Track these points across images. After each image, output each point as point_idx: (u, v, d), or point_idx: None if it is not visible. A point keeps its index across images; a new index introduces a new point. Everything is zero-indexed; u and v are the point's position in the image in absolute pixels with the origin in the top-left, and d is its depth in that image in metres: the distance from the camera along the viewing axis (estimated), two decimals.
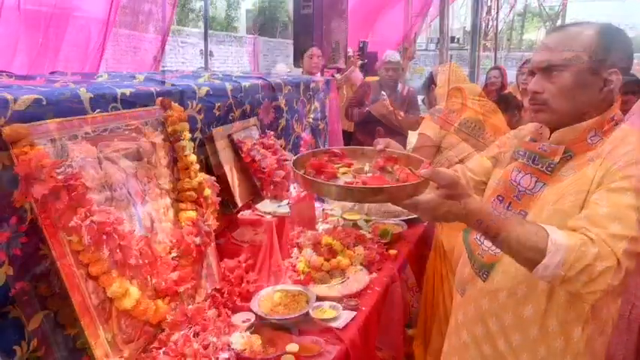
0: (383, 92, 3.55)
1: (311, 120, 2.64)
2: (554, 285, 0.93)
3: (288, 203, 1.95)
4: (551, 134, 1.14)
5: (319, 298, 1.65)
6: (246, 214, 1.84)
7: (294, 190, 2.11)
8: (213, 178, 1.68)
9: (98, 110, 1.33)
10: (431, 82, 2.42)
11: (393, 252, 2.07)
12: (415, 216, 2.43)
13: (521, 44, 26.37)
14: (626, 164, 1.00)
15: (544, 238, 0.91)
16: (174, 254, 1.46)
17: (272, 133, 2.11)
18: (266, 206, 1.88)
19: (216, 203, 1.65)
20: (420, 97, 3.81)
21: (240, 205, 1.85)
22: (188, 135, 1.58)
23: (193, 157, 1.57)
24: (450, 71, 2.30)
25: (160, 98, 1.55)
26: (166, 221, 1.50)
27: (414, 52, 4.68)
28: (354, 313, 1.60)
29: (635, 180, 0.97)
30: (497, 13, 10.59)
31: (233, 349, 1.34)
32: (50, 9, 4.00)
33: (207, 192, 1.60)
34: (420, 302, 2.33)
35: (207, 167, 1.84)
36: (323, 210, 2.55)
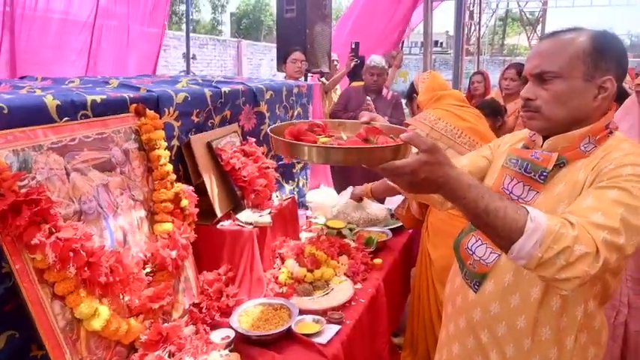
0: (368, 97, 3.52)
1: None
2: (529, 269, 0.87)
3: (270, 212, 1.89)
4: (544, 141, 1.11)
5: (302, 312, 1.60)
6: (226, 225, 1.78)
7: (277, 198, 2.06)
8: (191, 187, 1.62)
9: (66, 118, 1.26)
10: (413, 91, 2.38)
11: (378, 261, 2.03)
12: (400, 224, 2.44)
13: (502, 49, 26.78)
14: (617, 166, 0.97)
15: (524, 215, 0.85)
16: (148, 269, 1.40)
17: (253, 140, 2.05)
18: (247, 216, 1.82)
19: (194, 214, 1.58)
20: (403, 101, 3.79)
21: (219, 215, 1.78)
22: (164, 143, 1.51)
23: (169, 167, 1.50)
24: (431, 79, 2.27)
25: (134, 105, 1.48)
26: (140, 234, 1.43)
27: (401, 59, 4.57)
28: (338, 327, 1.55)
29: (622, 180, 0.94)
30: (480, 17, 10.71)
31: None
32: (26, 11, 3.90)
33: (185, 203, 1.54)
34: (408, 311, 2.30)
35: (184, 176, 1.78)
36: (307, 218, 2.50)
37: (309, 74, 4.47)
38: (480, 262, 1.17)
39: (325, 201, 2.69)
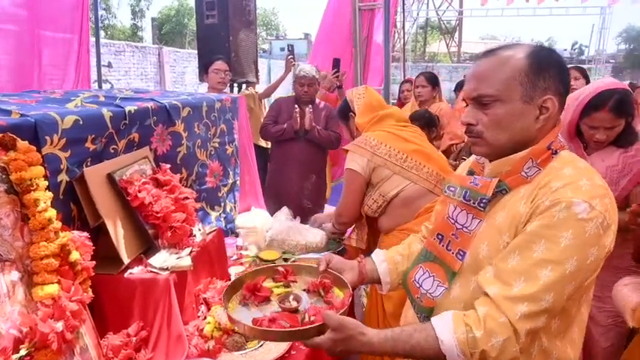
0: (296, 107, 3.32)
1: (217, 145, 2.31)
2: None
3: (191, 252, 1.61)
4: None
5: None
6: (136, 272, 1.47)
7: (199, 232, 1.78)
8: (85, 234, 1.30)
9: None
10: (348, 109, 2.16)
11: None
12: (339, 248, 2.25)
13: (424, 55, 28.06)
14: (552, 203, 0.92)
15: (434, 342, 0.94)
16: (24, 351, 1.07)
17: (168, 166, 1.76)
18: (162, 259, 1.52)
19: (89, 268, 1.27)
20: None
21: (127, 261, 1.47)
22: (43, 183, 1.19)
23: (52, 212, 1.18)
24: (368, 96, 2.08)
25: None
26: (13, 304, 1.10)
27: (330, 82, 4.22)
28: None
29: (551, 226, 0.90)
30: (404, 25, 10.97)
31: None
32: None
33: (75, 256, 1.22)
34: None
35: (80, 218, 1.45)
36: (237, 248, 2.24)
37: (235, 84, 4.21)
38: (427, 295, 1.09)
39: (257, 225, 2.44)
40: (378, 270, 1.29)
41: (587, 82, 3.69)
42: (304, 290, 1.23)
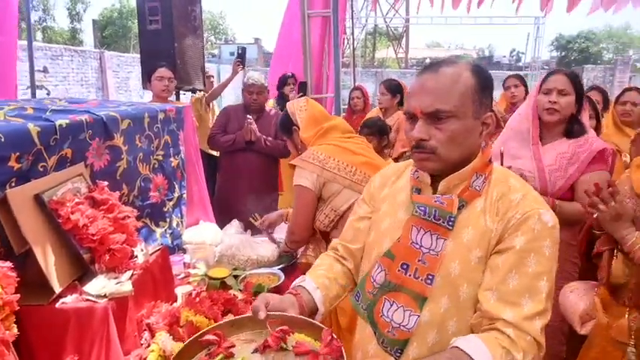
0: (249, 116, 3.26)
1: (161, 157, 2.20)
2: None
3: (132, 275, 1.51)
4: (432, 180, 1.08)
5: None
6: (69, 302, 1.35)
7: (142, 253, 1.67)
8: (8, 263, 1.18)
9: None
10: (291, 123, 2.06)
11: None
12: (292, 261, 2.20)
13: (373, 61, 28.68)
14: (523, 217, 0.99)
15: None
16: None
17: (105, 183, 1.64)
18: (100, 285, 1.41)
19: (14, 302, 1.15)
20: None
21: (58, 289, 1.35)
22: None
23: None
24: (311, 108, 2.03)
25: None
26: None
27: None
28: None
29: (534, 239, 0.98)
30: (353, 31, 11.12)
31: None
32: None
33: None
34: None
35: (3, 246, 1.32)
36: (185, 266, 2.13)
37: (182, 92, 4.06)
38: (400, 328, 1.05)
39: (206, 239, 2.34)
40: (315, 299, 1.17)
41: (526, 89, 3.88)
42: (256, 352, 0.99)
